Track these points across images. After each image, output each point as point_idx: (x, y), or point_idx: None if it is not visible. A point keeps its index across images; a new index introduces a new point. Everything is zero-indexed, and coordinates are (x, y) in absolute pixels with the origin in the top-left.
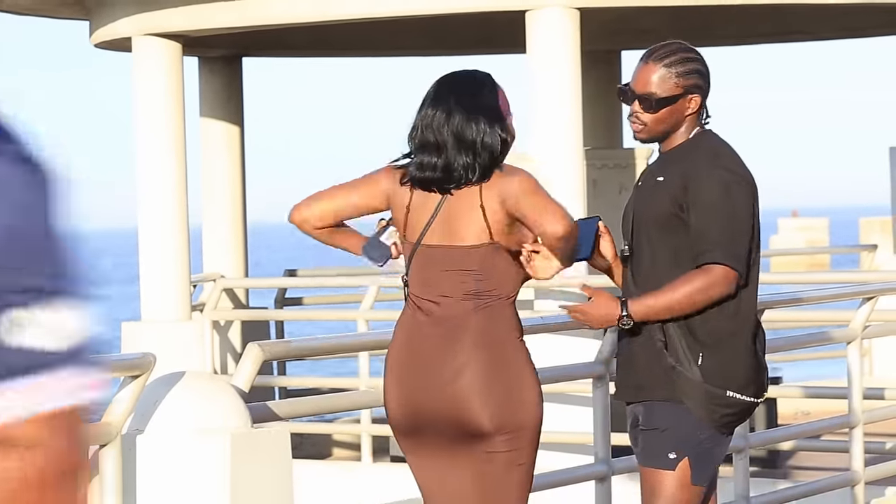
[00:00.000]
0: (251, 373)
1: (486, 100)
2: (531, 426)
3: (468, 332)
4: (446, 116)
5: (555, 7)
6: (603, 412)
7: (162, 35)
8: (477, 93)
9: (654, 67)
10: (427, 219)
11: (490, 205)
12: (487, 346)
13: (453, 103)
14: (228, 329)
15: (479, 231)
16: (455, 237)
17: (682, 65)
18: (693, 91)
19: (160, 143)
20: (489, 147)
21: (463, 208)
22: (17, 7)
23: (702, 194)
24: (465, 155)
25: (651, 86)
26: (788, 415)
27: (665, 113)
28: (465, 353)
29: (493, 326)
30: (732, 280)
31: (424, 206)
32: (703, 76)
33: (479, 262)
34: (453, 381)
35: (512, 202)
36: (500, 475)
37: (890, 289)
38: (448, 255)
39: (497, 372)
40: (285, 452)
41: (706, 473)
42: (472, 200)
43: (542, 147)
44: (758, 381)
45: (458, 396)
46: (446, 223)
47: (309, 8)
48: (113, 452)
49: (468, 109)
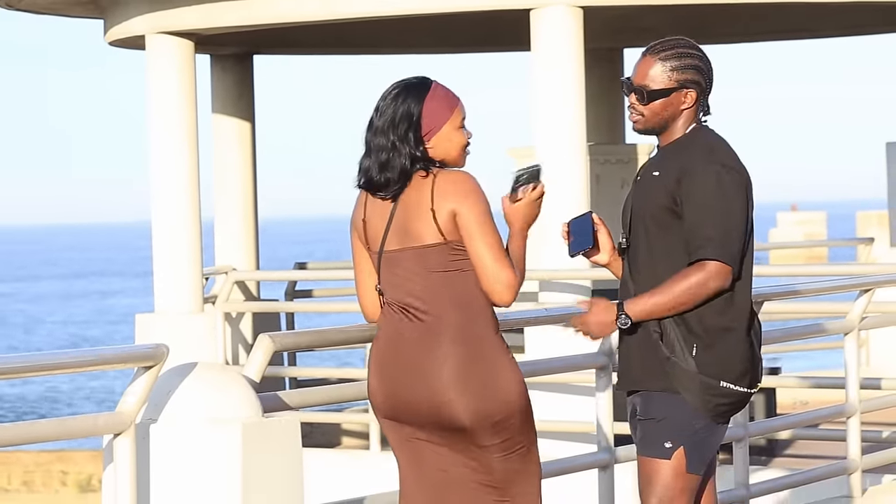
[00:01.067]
0: (262, 363)
1: (406, 108)
2: (516, 413)
3: (446, 329)
4: (369, 124)
5: (559, 6)
6: (606, 402)
7: (175, 33)
8: (401, 101)
9: (651, 61)
10: (384, 226)
11: (440, 212)
12: (464, 341)
13: (375, 112)
14: (240, 321)
15: (433, 232)
16: (413, 239)
17: (677, 59)
18: (688, 86)
19: (173, 139)
20: (402, 155)
21: (413, 212)
22: (35, 6)
23: (695, 189)
24: (380, 162)
25: (646, 78)
26: (787, 404)
27: (659, 105)
28: (442, 350)
29: (470, 322)
30: (726, 275)
31: (380, 214)
32: (700, 72)
33: (440, 260)
34: (432, 377)
35: (460, 223)
36: (500, 466)
37: (886, 281)
38: (410, 256)
39: (474, 366)
40: (295, 441)
41: (701, 462)
42: (422, 203)
43: (547, 142)
44: (752, 371)
45: (437, 392)
46: (402, 227)
47: (317, 7)
48: (127, 441)
49: (388, 119)
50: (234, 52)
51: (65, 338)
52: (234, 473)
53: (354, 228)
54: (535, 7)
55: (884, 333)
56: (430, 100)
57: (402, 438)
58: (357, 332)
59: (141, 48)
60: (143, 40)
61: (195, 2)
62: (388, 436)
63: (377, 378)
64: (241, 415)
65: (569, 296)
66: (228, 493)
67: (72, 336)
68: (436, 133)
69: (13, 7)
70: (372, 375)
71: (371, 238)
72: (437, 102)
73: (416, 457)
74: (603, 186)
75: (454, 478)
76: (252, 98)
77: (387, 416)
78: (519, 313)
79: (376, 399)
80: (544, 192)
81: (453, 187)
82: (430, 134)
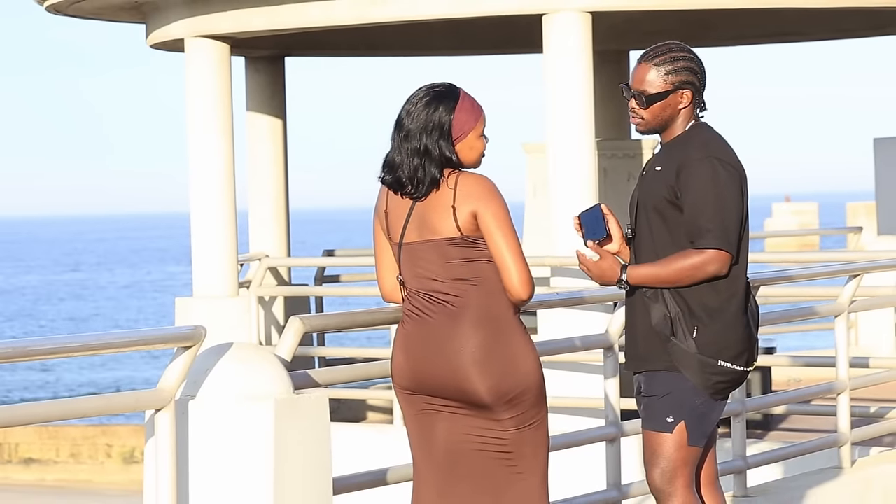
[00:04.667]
0: (293, 344)
1: (438, 117)
2: (531, 389)
3: (467, 311)
4: (398, 125)
5: (569, 11)
6: (613, 380)
7: (211, 37)
8: (433, 109)
9: (646, 67)
10: (404, 219)
11: (461, 211)
12: (485, 323)
13: (407, 116)
14: (272, 304)
15: (452, 227)
16: (431, 232)
17: (671, 63)
18: (683, 86)
19: (210, 135)
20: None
21: (433, 208)
22: (82, 11)
23: (692, 181)
24: (411, 165)
25: (643, 83)
26: (781, 382)
27: (657, 108)
28: (465, 330)
29: (490, 304)
30: (725, 261)
31: (401, 207)
32: (693, 73)
33: (458, 251)
34: (456, 356)
35: (482, 223)
36: (513, 437)
37: (874, 267)
38: (429, 248)
39: (494, 346)
40: (324, 416)
41: (701, 435)
42: (444, 201)
43: (558, 138)
44: (749, 351)
45: (460, 369)
46: (421, 221)
47: (345, 12)
48: (167, 416)
49: (420, 125)
50: (267, 54)
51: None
52: (266, 446)
53: (377, 216)
54: (547, 12)
55: (871, 316)
56: (459, 110)
57: (417, 410)
58: (382, 314)
59: (180, 51)
60: (182, 44)
61: (231, 8)
62: (404, 408)
63: (403, 355)
64: (273, 391)
65: (579, 281)
66: (261, 464)
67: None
68: (462, 140)
69: (62, 13)
70: (397, 352)
71: (392, 229)
72: (465, 113)
73: (428, 429)
74: (610, 179)
75: (466, 447)
76: (283, 97)
77: (407, 389)
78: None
79: (400, 373)
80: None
81: (476, 189)
82: (457, 141)
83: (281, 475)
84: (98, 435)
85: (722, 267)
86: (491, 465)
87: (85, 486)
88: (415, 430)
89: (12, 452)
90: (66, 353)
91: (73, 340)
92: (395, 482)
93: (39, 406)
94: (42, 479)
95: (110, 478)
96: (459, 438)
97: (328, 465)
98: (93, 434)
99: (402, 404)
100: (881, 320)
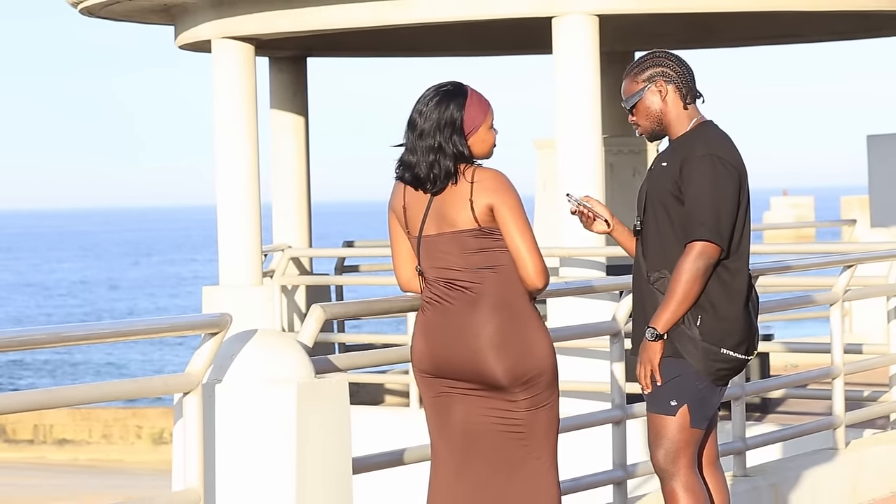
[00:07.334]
0: (314, 330)
1: (450, 114)
2: (546, 372)
3: (485, 297)
4: (411, 125)
5: (578, 14)
6: (619, 364)
7: (237, 38)
8: (444, 108)
9: (627, 81)
10: (422, 213)
11: (478, 204)
12: (502, 308)
13: (419, 116)
14: (294, 293)
15: (469, 219)
16: (449, 224)
17: (640, 67)
18: (654, 78)
19: (236, 131)
20: (447, 157)
21: (451, 201)
22: (114, 14)
23: (692, 176)
24: (427, 162)
25: (626, 94)
26: (779, 367)
27: (642, 109)
28: (482, 316)
29: (506, 291)
30: (711, 251)
31: (419, 202)
32: (664, 65)
33: (475, 241)
34: (474, 340)
35: (498, 216)
36: (527, 417)
37: (867, 258)
38: (447, 240)
39: (510, 330)
40: (344, 399)
41: (703, 418)
42: (461, 195)
43: (567, 135)
44: (749, 340)
45: (478, 352)
46: (439, 214)
47: (365, 14)
48: (195, 399)
49: (433, 123)
50: (290, 54)
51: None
52: (289, 428)
53: (393, 212)
54: (556, 15)
55: (865, 304)
56: (468, 106)
57: (435, 393)
58: (399, 302)
59: (207, 52)
60: (209, 45)
61: (256, 10)
62: (422, 391)
63: (423, 340)
64: (295, 376)
65: (586, 271)
66: (284, 445)
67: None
68: (473, 134)
69: (95, 15)
70: (417, 338)
71: (411, 223)
72: (474, 109)
73: (445, 411)
74: (616, 174)
75: (482, 427)
76: (306, 95)
77: (427, 373)
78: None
79: (420, 357)
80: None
81: (492, 183)
82: (469, 136)
83: (303, 455)
84: (129, 417)
85: (710, 258)
86: (506, 444)
87: (116, 465)
88: (433, 412)
89: (47, 433)
90: (98, 339)
91: (105, 327)
92: (412, 462)
93: (74, 389)
94: (75, 458)
95: (140, 458)
96: (476, 419)
97: (348, 446)
98: (124, 416)
99: (420, 387)
100: (874, 308)
